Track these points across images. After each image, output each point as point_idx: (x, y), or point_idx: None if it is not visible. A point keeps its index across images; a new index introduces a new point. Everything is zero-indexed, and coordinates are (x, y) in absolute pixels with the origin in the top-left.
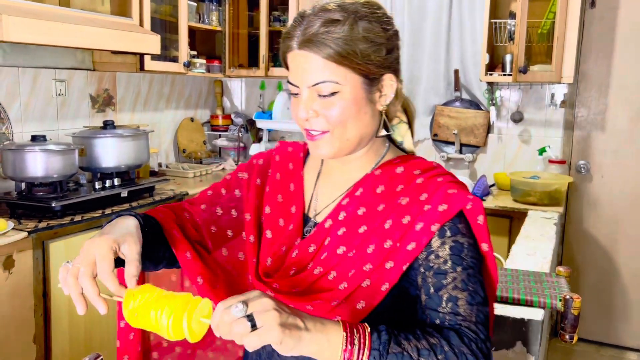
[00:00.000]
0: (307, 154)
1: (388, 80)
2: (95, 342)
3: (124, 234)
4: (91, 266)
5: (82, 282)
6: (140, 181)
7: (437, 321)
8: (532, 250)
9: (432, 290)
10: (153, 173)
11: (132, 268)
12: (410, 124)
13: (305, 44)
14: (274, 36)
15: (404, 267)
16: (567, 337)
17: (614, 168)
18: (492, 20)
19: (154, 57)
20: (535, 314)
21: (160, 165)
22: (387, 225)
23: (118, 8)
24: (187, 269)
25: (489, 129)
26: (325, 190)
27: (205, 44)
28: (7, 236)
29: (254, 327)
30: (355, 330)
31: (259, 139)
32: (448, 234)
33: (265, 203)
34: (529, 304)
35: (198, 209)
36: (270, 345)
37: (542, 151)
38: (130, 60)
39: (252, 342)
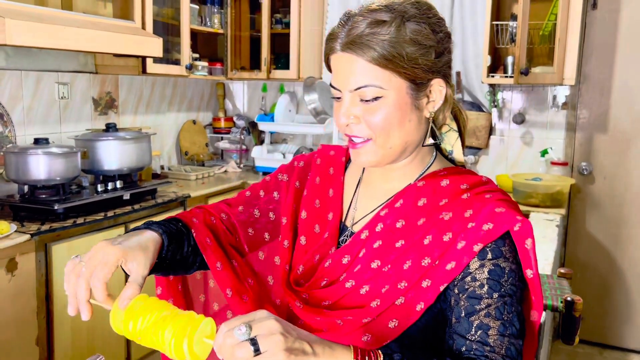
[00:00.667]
0: (349, 158)
1: (437, 85)
2: (97, 344)
3: (136, 249)
4: (92, 270)
5: (78, 283)
6: (142, 184)
7: (463, 348)
8: None
9: (463, 314)
10: (155, 175)
11: (130, 290)
12: (461, 132)
13: (348, 46)
14: (275, 38)
15: (442, 288)
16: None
17: (616, 169)
18: (494, 22)
19: (156, 59)
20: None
21: (162, 167)
22: (426, 241)
23: (120, 11)
24: (217, 280)
25: (491, 130)
26: (365, 198)
27: (207, 46)
28: (10, 239)
29: (257, 351)
30: (366, 357)
31: (261, 142)
32: (489, 256)
33: (302, 207)
34: None
35: (235, 211)
36: None
37: (544, 153)
38: (132, 63)
39: None
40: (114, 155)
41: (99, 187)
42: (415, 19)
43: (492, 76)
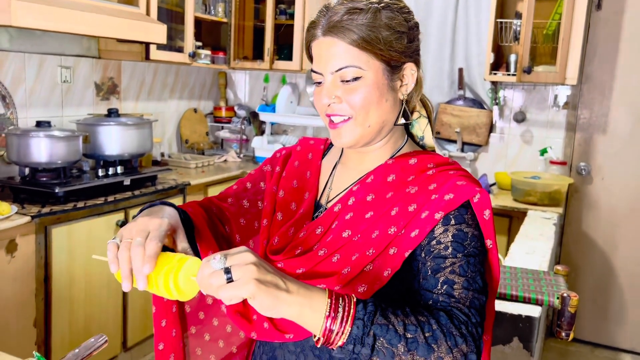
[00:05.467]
0: (327, 147)
1: (409, 69)
2: (94, 327)
3: (177, 222)
4: (145, 235)
5: (134, 252)
6: (142, 170)
7: (430, 302)
8: (531, 249)
9: (429, 272)
10: (155, 162)
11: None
12: (429, 119)
13: (329, 31)
14: (279, 29)
15: (406, 254)
16: (563, 334)
17: (614, 171)
18: (498, 20)
19: (160, 46)
20: (533, 311)
21: (162, 154)
22: (393, 212)
23: None
24: None
25: (491, 128)
26: (340, 179)
27: (210, 35)
28: (11, 220)
29: (229, 279)
30: (340, 299)
31: (261, 132)
32: (452, 222)
33: (280, 188)
34: (526, 301)
35: (226, 204)
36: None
37: (543, 152)
38: (136, 49)
39: (226, 295)
40: (115, 141)
41: (100, 172)
42: (389, 8)
43: (495, 74)
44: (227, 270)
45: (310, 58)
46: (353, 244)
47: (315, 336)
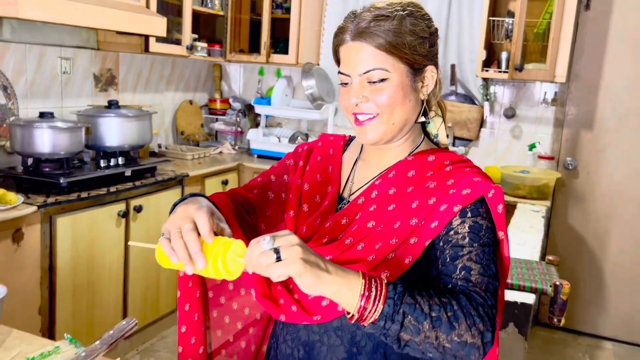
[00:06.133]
0: (346, 143)
1: (430, 71)
2: (97, 315)
3: (212, 206)
4: (192, 223)
5: (188, 237)
6: (142, 161)
7: (449, 286)
8: (522, 240)
9: (448, 259)
10: (152, 154)
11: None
12: (444, 118)
13: (358, 36)
14: (276, 22)
15: (426, 243)
16: (555, 320)
17: (599, 165)
18: (491, 18)
19: (158, 39)
20: (528, 298)
21: (159, 146)
22: (414, 205)
23: None
24: None
25: (482, 123)
26: (361, 174)
27: (206, 27)
28: (18, 209)
29: (278, 259)
30: (373, 280)
31: (256, 124)
32: (469, 214)
33: (305, 181)
34: (521, 289)
35: (252, 195)
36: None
37: (532, 147)
38: (134, 41)
39: (275, 272)
40: (115, 132)
41: (102, 163)
42: (413, 16)
43: (487, 70)
44: (276, 251)
45: (338, 61)
46: (377, 233)
47: (349, 313)
